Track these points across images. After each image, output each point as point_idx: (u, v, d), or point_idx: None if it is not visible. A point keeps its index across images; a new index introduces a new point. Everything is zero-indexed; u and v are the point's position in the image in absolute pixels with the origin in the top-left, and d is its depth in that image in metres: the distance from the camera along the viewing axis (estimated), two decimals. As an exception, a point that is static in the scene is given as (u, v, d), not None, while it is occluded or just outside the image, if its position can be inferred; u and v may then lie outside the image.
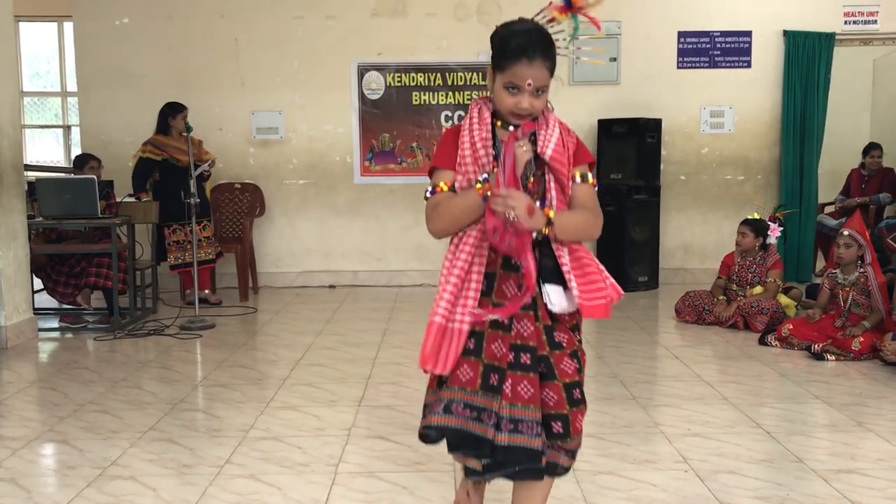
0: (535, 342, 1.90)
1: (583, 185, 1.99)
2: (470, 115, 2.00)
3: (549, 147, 1.94)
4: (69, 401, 3.72)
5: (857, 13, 7.06)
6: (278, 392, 3.83)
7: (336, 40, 7.07)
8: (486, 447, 1.85)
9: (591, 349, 4.74)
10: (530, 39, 1.93)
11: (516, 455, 1.85)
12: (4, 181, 4.91)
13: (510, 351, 1.88)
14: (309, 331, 5.29)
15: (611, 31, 7.07)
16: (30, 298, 5.25)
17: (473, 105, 2.03)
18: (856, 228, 4.61)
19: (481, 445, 1.85)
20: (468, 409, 1.86)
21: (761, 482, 2.69)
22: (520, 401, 1.86)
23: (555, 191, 1.95)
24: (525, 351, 1.89)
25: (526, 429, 1.85)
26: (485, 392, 1.86)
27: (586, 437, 3.14)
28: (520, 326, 1.90)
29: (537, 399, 1.86)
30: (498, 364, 1.87)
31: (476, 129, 1.95)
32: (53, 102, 10.27)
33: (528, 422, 1.85)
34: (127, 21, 7.07)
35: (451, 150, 1.97)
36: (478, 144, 1.92)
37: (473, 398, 1.86)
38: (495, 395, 1.85)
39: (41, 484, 2.78)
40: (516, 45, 1.91)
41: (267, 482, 2.73)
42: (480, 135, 1.94)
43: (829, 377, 4.04)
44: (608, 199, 6.90)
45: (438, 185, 1.96)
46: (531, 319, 1.91)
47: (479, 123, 1.96)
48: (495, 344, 1.88)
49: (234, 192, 6.99)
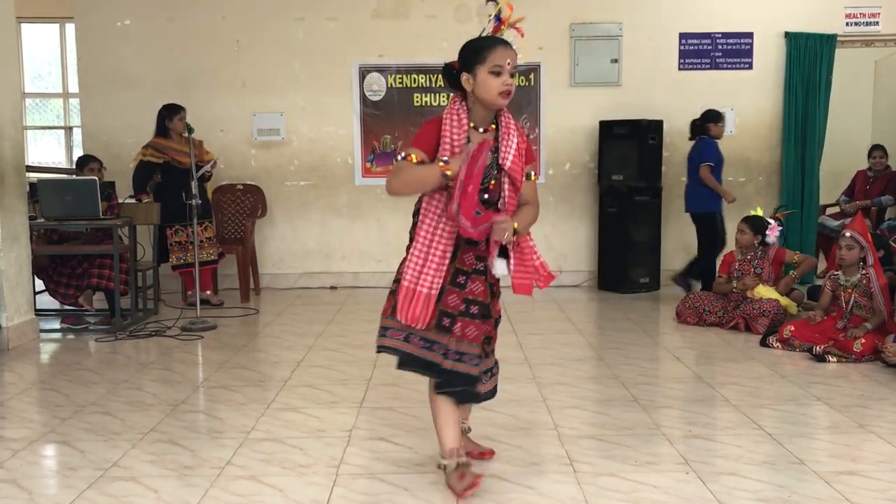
0: (483, 298, 2.53)
1: (529, 183, 2.55)
2: (449, 115, 2.46)
3: (508, 157, 2.46)
4: (70, 402, 3.72)
5: (859, 14, 7.06)
6: (279, 393, 3.83)
7: (337, 42, 7.08)
8: (434, 369, 2.48)
9: (591, 350, 4.75)
10: (495, 37, 2.47)
11: (458, 378, 2.47)
12: (6, 182, 4.92)
13: (462, 303, 2.50)
14: (310, 332, 5.29)
15: (612, 33, 7.08)
16: (31, 300, 5.26)
17: (452, 105, 2.49)
18: (857, 230, 4.61)
19: (431, 367, 2.49)
20: (423, 341, 2.49)
21: (762, 484, 2.68)
22: (466, 339, 2.48)
23: (507, 192, 2.49)
24: (475, 304, 2.52)
25: (468, 360, 2.48)
26: (438, 330, 2.48)
27: (587, 439, 3.15)
28: (473, 286, 2.53)
29: (479, 340, 2.50)
30: (451, 311, 2.49)
31: (455, 133, 2.44)
32: (55, 104, 10.28)
33: (470, 355, 2.48)
34: (128, 22, 7.08)
35: (430, 138, 2.46)
36: (456, 148, 2.42)
37: (427, 334, 2.48)
38: (446, 333, 2.47)
39: (42, 485, 2.78)
40: (491, 39, 2.46)
41: (268, 483, 2.73)
42: (459, 140, 2.43)
43: (830, 379, 4.03)
44: (609, 200, 6.92)
45: (410, 155, 2.45)
46: (482, 281, 2.54)
47: (458, 128, 2.45)
48: (451, 297, 2.49)
49: (235, 193, 7.00)
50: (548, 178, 7.17)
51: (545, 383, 3.95)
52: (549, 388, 3.86)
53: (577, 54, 7.08)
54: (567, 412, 3.49)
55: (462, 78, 2.45)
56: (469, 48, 2.46)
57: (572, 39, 7.07)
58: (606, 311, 6.15)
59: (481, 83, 2.41)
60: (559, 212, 7.19)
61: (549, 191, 7.13)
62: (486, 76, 2.40)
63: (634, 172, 6.74)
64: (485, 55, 2.40)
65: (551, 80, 7.09)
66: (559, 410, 3.50)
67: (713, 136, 6.36)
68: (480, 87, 2.42)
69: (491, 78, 2.39)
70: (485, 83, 2.41)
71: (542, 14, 7.00)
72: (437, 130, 2.46)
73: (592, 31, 7.08)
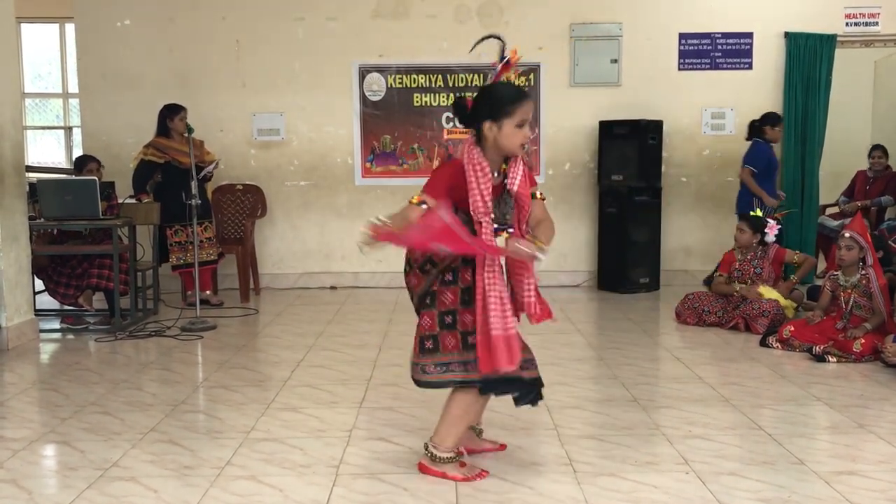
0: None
1: (538, 202, 2.72)
2: (472, 166, 2.52)
3: (515, 183, 2.59)
4: (70, 402, 3.72)
5: (859, 15, 7.06)
6: (279, 393, 3.83)
7: (337, 42, 7.08)
8: (516, 382, 2.65)
9: (591, 350, 4.75)
10: (518, 87, 2.65)
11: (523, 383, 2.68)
12: (6, 182, 4.92)
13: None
14: (310, 332, 5.29)
15: (612, 33, 7.08)
16: (31, 300, 5.26)
17: (470, 154, 2.54)
18: (857, 230, 4.61)
19: (513, 382, 2.63)
20: (458, 365, 2.64)
21: (762, 484, 2.68)
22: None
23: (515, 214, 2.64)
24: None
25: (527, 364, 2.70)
26: (465, 349, 2.63)
27: (587, 439, 3.16)
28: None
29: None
30: (470, 329, 2.61)
31: (483, 183, 2.52)
32: (55, 104, 10.28)
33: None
34: (128, 23, 7.08)
35: (444, 185, 2.55)
36: (486, 198, 2.52)
37: (462, 356, 2.63)
38: (471, 349, 2.60)
39: (42, 485, 2.78)
40: (517, 92, 2.59)
41: (268, 483, 2.73)
42: (488, 189, 2.52)
43: (830, 379, 4.04)
44: (609, 200, 6.92)
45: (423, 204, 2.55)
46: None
47: (484, 179, 2.52)
48: (466, 317, 2.62)
49: (235, 193, 7.00)
50: (547, 178, 7.17)
51: (545, 383, 3.94)
52: (549, 389, 3.81)
53: (577, 54, 7.08)
54: (567, 412, 3.49)
55: (485, 126, 2.53)
56: (496, 99, 2.54)
57: (572, 39, 7.07)
58: (606, 312, 6.15)
59: (506, 136, 2.52)
60: (559, 212, 7.18)
61: (549, 191, 7.12)
62: (512, 129, 2.51)
63: (634, 172, 6.74)
64: (513, 110, 2.50)
65: (551, 80, 7.09)
66: (559, 410, 3.50)
67: (768, 139, 6.38)
68: (505, 139, 2.52)
69: (516, 131, 2.51)
70: (510, 136, 2.52)
71: (541, 14, 7.01)
72: (454, 176, 2.55)
73: (592, 31, 7.08)
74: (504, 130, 2.51)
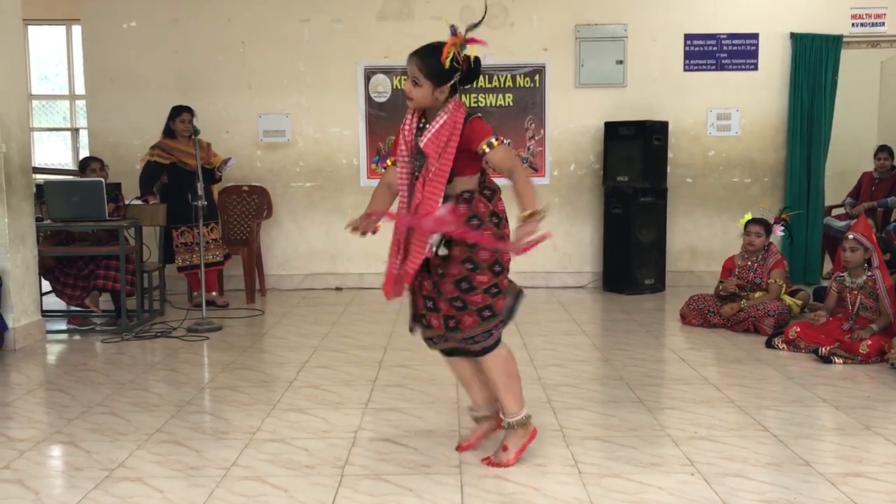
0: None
1: (494, 151, 2.67)
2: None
3: (424, 139, 2.71)
4: (77, 402, 3.73)
5: (865, 15, 7.04)
6: (285, 394, 3.84)
7: (342, 43, 7.09)
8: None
9: (596, 352, 4.74)
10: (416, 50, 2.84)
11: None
12: (13, 184, 4.94)
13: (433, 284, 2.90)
14: (315, 333, 5.30)
15: (617, 34, 7.07)
16: (38, 300, 5.28)
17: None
18: (861, 232, 4.59)
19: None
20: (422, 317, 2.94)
21: (768, 485, 2.68)
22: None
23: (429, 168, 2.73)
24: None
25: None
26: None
27: (592, 440, 3.16)
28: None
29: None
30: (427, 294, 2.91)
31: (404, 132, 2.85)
32: (61, 105, 10.31)
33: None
34: (134, 24, 7.10)
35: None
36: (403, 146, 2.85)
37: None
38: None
39: (49, 485, 2.79)
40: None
41: (273, 484, 2.74)
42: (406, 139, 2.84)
43: (836, 380, 4.03)
44: (614, 201, 6.92)
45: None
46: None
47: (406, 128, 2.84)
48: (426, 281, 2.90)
49: (241, 194, 7.01)
50: (552, 178, 7.17)
51: (550, 384, 3.95)
52: (554, 390, 3.86)
53: (582, 55, 7.07)
54: (572, 413, 3.49)
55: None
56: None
57: (577, 40, 7.07)
58: (611, 313, 6.14)
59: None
60: (564, 213, 7.19)
61: (554, 192, 7.13)
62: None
63: (639, 173, 6.73)
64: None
65: (556, 81, 7.09)
66: (564, 411, 3.50)
67: None
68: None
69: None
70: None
71: (546, 15, 7.00)
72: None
73: (597, 32, 7.07)
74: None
